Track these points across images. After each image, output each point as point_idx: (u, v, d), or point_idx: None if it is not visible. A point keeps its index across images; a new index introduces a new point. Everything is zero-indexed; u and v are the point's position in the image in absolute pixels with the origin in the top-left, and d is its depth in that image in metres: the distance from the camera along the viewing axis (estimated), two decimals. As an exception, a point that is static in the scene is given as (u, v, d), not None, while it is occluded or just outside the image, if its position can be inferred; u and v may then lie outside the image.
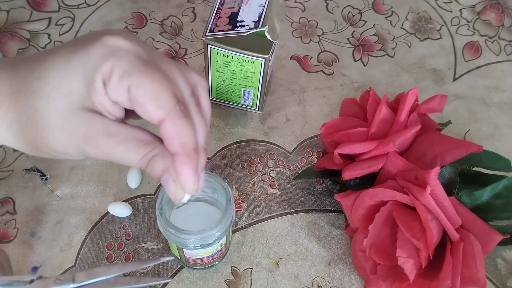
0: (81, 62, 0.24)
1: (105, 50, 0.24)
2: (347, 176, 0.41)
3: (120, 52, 0.24)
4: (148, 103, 0.24)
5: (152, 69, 0.24)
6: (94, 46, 0.24)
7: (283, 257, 0.44)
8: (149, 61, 0.25)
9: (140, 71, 0.24)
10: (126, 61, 0.24)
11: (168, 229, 0.36)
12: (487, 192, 0.41)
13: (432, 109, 0.43)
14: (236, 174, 0.49)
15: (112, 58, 0.24)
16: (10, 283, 0.29)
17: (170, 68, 0.26)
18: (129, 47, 0.24)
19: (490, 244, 0.37)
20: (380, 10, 0.64)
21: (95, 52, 0.24)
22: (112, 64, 0.23)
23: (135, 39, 0.26)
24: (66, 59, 0.24)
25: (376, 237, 0.39)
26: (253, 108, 0.53)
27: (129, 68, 0.24)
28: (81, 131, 0.24)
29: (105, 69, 0.23)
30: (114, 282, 0.30)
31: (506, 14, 0.65)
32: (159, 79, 0.24)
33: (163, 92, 0.24)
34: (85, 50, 0.24)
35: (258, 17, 0.44)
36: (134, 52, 0.24)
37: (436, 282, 0.37)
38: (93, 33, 0.25)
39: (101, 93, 0.24)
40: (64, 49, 0.25)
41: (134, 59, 0.24)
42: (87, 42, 0.24)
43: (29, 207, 0.46)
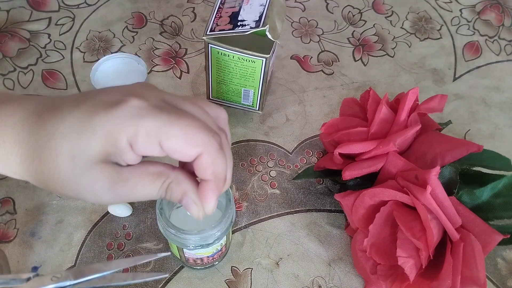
0: (102, 124, 0.24)
1: (127, 113, 0.24)
2: (347, 176, 0.41)
3: (141, 111, 0.25)
4: (185, 147, 0.25)
5: (177, 116, 0.25)
6: (115, 110, 0.24)
7: (283, 257, 0.44)
8: (172, 110, 0.25)
9: (166, 124, 0.25)
10: (149, 119, 0.25)
11: (168, 229, 0.36)
12: (487, 190, 0.41)
13: (432, 109, 0.43)
14: (236, 174, 0.49)
15: (135, 119, 0.24)
16: (7, 282, 0.29)
17: (192, 108, 0.27)
18: (150, 105, 0.25)
19: (491, 244, 0.37)
20: (380, 10, 0.64)
21: (116, 116, 0.24)
22: (136, 125, 0.24)
23: (152, 90, 0.27)
24: (87, 120, 0.25)
25: (376, 237, 0.39)
26: (253, 108, 0.53)
27: (155, 125, 0.24)
28: (99, 183, 0.25)
29: (130, 131, 0.24)
30: (111, 279, 0.30)
31: (506, 14, 0.65)
32: (187, 122, 0.25)
33: (195, 131, 0.25)
34: (106, 113, 0.24)
35: (259, 17, 0.44)
36: (155, 108, 0.25)
37: (436, 282, 0.37)
38: (110, 96, 0.26)
39: (126, 151, 0.25)
40: (85, 108, 0.25)
41: (157, 115, 0.25)
42: (109, 106, 0.25)
43: (29, 207, 0.46)
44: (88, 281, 0.29)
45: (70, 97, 0.27)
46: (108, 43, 0.58)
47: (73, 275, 0.29)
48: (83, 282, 0.29)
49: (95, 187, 0.25)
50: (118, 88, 0.27)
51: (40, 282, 0.29)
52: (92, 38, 0.59)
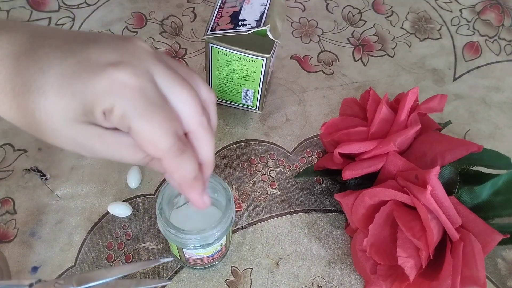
0: (83, 90, 0.24)
1: (109, 85, 0.24)
2: (347, 175, 0.41)
3: (124, 90, 0.24)
4: (146, 146, 0.25)
5: (153, 111, 0.24)
6: (98, 78, 0.24)
7: (283, 257, 0.44)
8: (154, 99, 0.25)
9: (140, 115, 0.24)
10: (128, 101, 0.24)
11: (168, 229, 0.36)
12: (487, 188, 0.41)
13: (432, 109, 0.43)
14: (236, 174, 0.49)
15: (114, 96, 0.24)
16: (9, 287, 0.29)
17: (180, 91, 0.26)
18: (135, 85, 0.24)
19: (490, 243, 0.37)
20: (380, 10, 0.64)
21: (98, 85, 0.24)
22: (113, 102, 0.24)
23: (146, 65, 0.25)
24: (67, 80, 0.24)
25: (376, 237, 0.39)
26: (253, 108, 0.53)
27: (130, 110, 0.24)
28: (78, 140, 0.25)
29: (106, 105, 0.24)
30: (114, 285, 0.30)
31: (506, 14, 0.65)
32: (158, 122, 0.24)
33: (160, 135, 0.25)
34: (88, 79, 0.24)
35: (260, 16, 0.44)
36: (139, 90, 0.24)
37: (436, 282, 0.36)
38: (104, 50, 0.25)
39: (101, 120, 0.25)
40: (67, 64, 0.24)
41: (137, 99, 0.24)
42: (93, 69, 0.24)
43: (29, 207, 0.46)
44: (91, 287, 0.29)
45: (53, 40, 0.25)
46: (108, 43, 0.58)
47: (76, 281, 0.29)
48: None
49: (74, 142, 0.25)
50: (110, 44, 0.25)
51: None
52: (92, 38, 0.59)
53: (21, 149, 0.49)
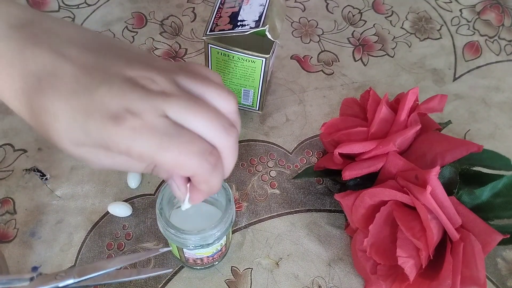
0: (95, 132, 0.24)
1: (120, 134, 0.24)
2: (347, 175, 0.41)
3: (135, 134, 0.24)
4: (177, 172, 0.26)
5: (170, 141, 0.24)
6: (109, 127, 0.23)
7: (283, 257, 0.44)
8: (168, 130, 0.24)
9: (159, 148, 0.24)
10: (142, 142, 0.24)
11: (168, 229, 0.36)
12: (487, 190, 0.41)
13: (432, 109, 0.43)
14: (236, 174, 0.49)
15: (128, 141, 0.24)
16: (10, 281, 0.29)
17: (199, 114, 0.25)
18: (145, 127, 0.24)
19: (490, 244, 0.37)
20: (380, 10, 0.64)
21: (109, 133, 0.24)
22: (128, 146, 0.24)
23: (155, 101, 0.24)
24: (79, 118, 0.24)
25: (376, 237, 0.39)
26: (253, 108, 0.53)
27: (147, 149, 0.24)
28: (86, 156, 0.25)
29: (122, 149, 0.24)
30: (116, 275, 0.30)
31: (506, 14, 0.65)
32: (179, 149, 0.24)
33: (186, 159, 0.24)
34: (99, 124, 0.24)
35: (258, 17, 0.44)
36: (150, 129, 0.24)
37: (436, 282, 0.36)
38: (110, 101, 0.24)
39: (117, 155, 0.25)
40: (83, 99, 0.24)
41: (151, 137, 0.24)
42: (102, 117, 0.24)
43: (29, 207, 0.46)
44: (93, 278, 0.30)
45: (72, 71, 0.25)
46: (108, 43, 0.58)
47: (77, 273, 0.29)
48: (88, 279, 0.29)
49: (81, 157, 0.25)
50: (122, 86, 0.24)
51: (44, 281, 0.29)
52: (92, 38, 0.59)
53: (21, 149, 0.49)
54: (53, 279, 0.29)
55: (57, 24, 0.26)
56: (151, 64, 0.26)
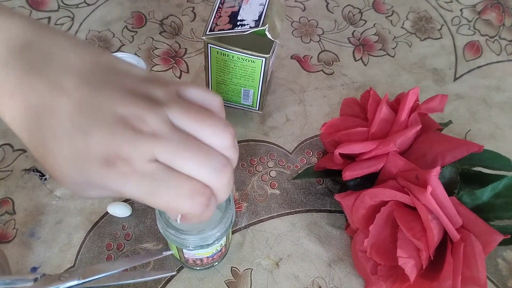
0: (86, 174, 0.24)
1: (110, 179, 0.24)
2: (348, 176, 0.41)
3: (124, 180, 0.24)
4: (168, 212, 0.26)
5: (157, 188, 0.24)
6: (98, 173, 0.24)
7: (283, 257, 0.44)
8: (155, 175, 0.24)
9: (148, 196, 0.24)
10: (132, 188, 0.24)
11: (168, 230, 0.36)
12: (488, 191, 0.41)
13: (432, 109, 0.43)
14: (236, 174, 0.49)
15: (117, 185, 0.24)
16: (14, 282, 0.29)
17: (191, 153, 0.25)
18: (134, 174, 0.24)
19: (491, 244, 0.37)
20: (380, 10, 0.64)
21: (98, 178, 0.24)
22: (119, 189, 0.24)
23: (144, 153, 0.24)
24: (73, 157, 0.24)
25: (376, 237, 0.39)
26: (253, 108, 0.53)
27: (137, 194, 0.24)
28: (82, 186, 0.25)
29: (114, 190, 0.24)
30: (119, 277, 0.30)
31: (506, 14, 0.65)
32: (168, 195, 0.24)
33: (177, 202, 0.25)
34: (89, 169, 0.24)
35: (258, 16, 0.44)
36: (138, 177, 0.24)
37: (437, 283, 0.36)
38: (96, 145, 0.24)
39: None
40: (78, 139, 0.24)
41: (140, 185, 0.24)
42: (90, 163, 0.24)
43: (28, 207, 0.46)
44: (96, 279, 0.30)
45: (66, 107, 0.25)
46: (107, 42, 0.58)
47: (81, 274, 0.29)
48: (91, 281, 0.29)
49: (75, 187, 0.25)
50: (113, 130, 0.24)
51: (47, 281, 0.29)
52: (92, 38, 0.59)
53: (20, 149, 0.49)
54: (57, 280, 0.29)
55: (57, 47, 0.26)
56: (147, 93, 0.26)
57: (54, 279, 0.29)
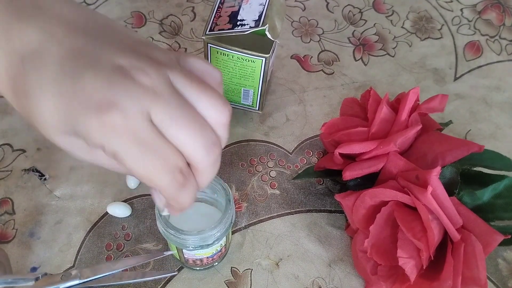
0: (75, 120, 0.22)
1: (99, 127, 0.22)
2: (348, 176, 0.41)
3: (114, 132, 0.22)
4: (144, 181, 0.24)
5: (145, 152, 0.23)
6: (88, 117, 0.22)
7: (283, 257, 0.44)
8: (145, 139, 0.23)
9: (132, 156, 0.23)
10: (118, 143, 0.23)
11: (168, 230, 0.36)
12: (488, 192, 0.41)
13: (433, 108, 0.43)
14: (236, 174, 0.49)
15: (105, 137, 0.22)
16: (15, 281, 0.29)
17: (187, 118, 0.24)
18: (125, 127, 0.22)
19: (492, 244, 0.37)
20: (380, 10, 0.64)
21: (88, 124, 0.22)
22: (103, 143, 0.22)
23: (140, 106, 0.23)
24: (63, 103, 0.22)
25: (377, 237, 0.39)
26: (253, 108, 0.53)
27: (121, 152, 0.23)
28: (67, 148, 0.24)
29: (97, 143, 0.23)
30: (120, 277, 0.31)
31: (507, 14, 0.65)
32: (152, 163, 0.23)
33: (156, 174, 0.23)
34: (79, 113, 0.22)
35: (258, 16, 0.44)
36: (129, 132, 0.22)
37: (437, 283, 0.36)
38: (94, 90, 0.22)
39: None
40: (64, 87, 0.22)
41: (128, 141, 0.22)
42: (84, 107, 0.22)
43: (28, 208, 0.46)
44: (97, 279, 0.30)
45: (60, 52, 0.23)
46: (107, 42, 0.58)
47: (82, 274, 0.29)
48: (92, 280, 0.29)
49: (63, 146, 0.24)
50: (110, 76, 0.23)
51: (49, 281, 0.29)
52: (92, 38, 0.59)
53: (20, 149, 0.49)
54: (58, 280, 0.29)
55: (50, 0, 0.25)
56: (148, 54, 0.24)
57: (55, 279, 0.29)
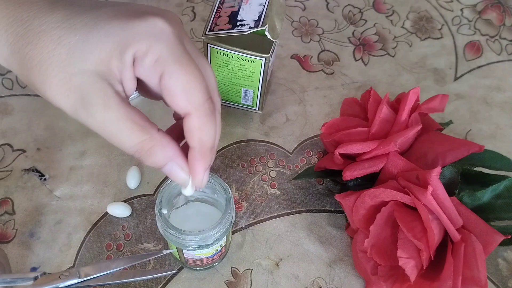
0: (119, 30, 0.23)
1: (147, 28, 0.23)
2: (348, 176, 0.41)
3: (161, 35, 0.24)
4: (179, 95, 0.24)
5: (189, 61, 0.24)
6: (137, 20, 0.23)
7: (283, 257, 0.44)
8: (186, 51, 0.25)
9: (176, 61, 0.24)
10: (165, 46, 0.23)
11: (168, 230, 0.36)
12: (488, 192, 0.41)
13: (433, 108, 0.43)
14: (236, 174, 0.49)
15: (152, 39, 0.23)
16: (14, 280, 0.29)
17: (203, 64, 0.26)
18: (172, 32, 0.24)
19: (492, 244, 0.37)
20: (380, 9, 0.64)
21: (136, 26, 0.23)
22: (149, 44, 0.23)
23: (179, 24, 0.25)
24: (104, 21, 0.23)
25: (377, 237, 0.39)
26: (253, 108, 0.53)
27: (167, 55, 0.23)
28: (81, 92, 0.23)
29: (142, 47, 0.23)
30: (119, 275, 0.30)
31: (507, 14, 0.64)
32: (193, 73, 0.24)
33: (196, 87, 0.24)
34: (127, 21, 0.23)
35: (258, 16, 0.44)
36: (175, 38, 0.24)
37: (437, 283, 0.36)
38: (137, 8, 0.25)
39: (128, 66, 0.24)
40: (105, 10, 0.24)
41: (173, 46, 0.24)
42: (131, 16, 0.24)
43: (28, 208, 0.46)
44: (97, 278, 0.29)
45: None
46: (107, 42, 0.58)
47: (81, 273, 0.29)
48: (91, 279, 0.29)
49: (77, 94, 0.23)
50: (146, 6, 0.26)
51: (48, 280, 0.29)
52: (92, 38, 0.59)
53: (20, 149, 0.49)
54: (57, 279, 0.29)
55: None
56: None
57: (54, 278, 0.29)
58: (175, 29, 0.24)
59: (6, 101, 0.53)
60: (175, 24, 0.25)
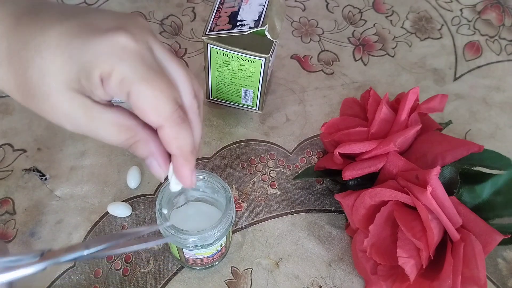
0: (81, 51, 0.24)
1: (108, 49, 0.24)
2: (348, 176, 0.41)
3: (123, 54, 0.24)
4: (148, 111, 0.25)
5: (155, 75, 0.24)
6: (99, 40, 0.24)
7: (283, 257, 0.44)
8: (153, 66, 0.25)
9: (142, 78, 0.24)
10: (128, 65, 0.24)
11: (168, 229, 0.36)
12: (488, 187, 0.41)
13: (432, 108, 0.43)
14: (236, 174, 0.49)
15: (114, 59, 0.24)
16: (20, 259, 0.29)
17: (175, 69, 0.26)
18: (135, 50, 0.24)
19: (491, 244, 0.37)
20: (380, 10, 0.64)
21: (98, 47, 0.24)
22: (112, 65, 0.24)
23: (145, 32, 0.26)
24: (66, 40, 0.24)
25: (376, 237, 0.39)
26: (253, 108, 0.53)
27: (131, 74, 0.24)
28: (65, 109, 0.25)
29: (105, 68, 0.24)
30: (124, 245, 0.31)
31: (506, 14, 0.65)
32: (160, 87, 0.24)
33: (163, 100, 0.25)
34: (88, 40, 0.24)
35: (258, 16, 0.44)
36: (139, 55, 0.24)
37: (437, 282, 0.36)
38: (99, 21, 0.25)
39: (97, 86, 0.24)
40: (68, 25, 0.24)
41: (137, 64, 0.24)
42: (93, 33, 0.24)
43: (28, 207, 0.46)
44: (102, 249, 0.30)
45: (56, 6, 0.26)
46: (107, 43, 0.58)
47: (86, 245, 0.29)
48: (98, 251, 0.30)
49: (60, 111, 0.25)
50: (111, 14, 0.26)
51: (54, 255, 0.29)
52: (92, 38, 0.59)
53: (21, 149, 0.49)
54: (63, 253, 0.29)
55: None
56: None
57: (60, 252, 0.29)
58: (138, 43, 0.24)
59: (7, 101, 0.53)
60: (139, 36, 0.25)
